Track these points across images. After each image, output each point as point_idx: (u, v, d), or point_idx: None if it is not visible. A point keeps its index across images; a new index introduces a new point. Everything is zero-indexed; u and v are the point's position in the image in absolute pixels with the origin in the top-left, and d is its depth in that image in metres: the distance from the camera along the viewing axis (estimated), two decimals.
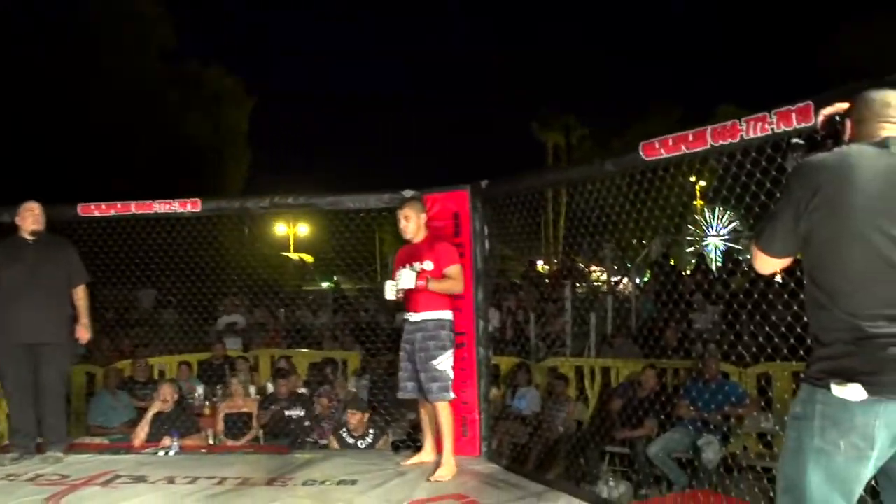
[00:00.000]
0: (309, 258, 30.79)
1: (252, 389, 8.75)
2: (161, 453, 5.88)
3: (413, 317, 5.02)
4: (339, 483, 4.85)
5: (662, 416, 7.39)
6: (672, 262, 12.94)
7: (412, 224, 5.09)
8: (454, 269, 5.01)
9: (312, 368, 9.14)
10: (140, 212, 5.88)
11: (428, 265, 4.98)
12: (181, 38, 26.84)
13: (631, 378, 8.14)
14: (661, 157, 3.95)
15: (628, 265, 13.12)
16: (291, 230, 33.75)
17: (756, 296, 5.97)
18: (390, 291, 5.05)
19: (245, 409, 7.80)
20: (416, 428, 6.03)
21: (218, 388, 8.99)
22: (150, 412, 6.57)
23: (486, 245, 5.54)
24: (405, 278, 4.89)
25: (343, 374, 9.78)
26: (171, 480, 5.04)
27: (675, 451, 7.17)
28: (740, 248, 20.73)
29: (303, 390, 8.57)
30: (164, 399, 6.64)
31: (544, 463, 7.70)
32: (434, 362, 4.91)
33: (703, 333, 9.69)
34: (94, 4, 23.16)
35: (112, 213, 5.94)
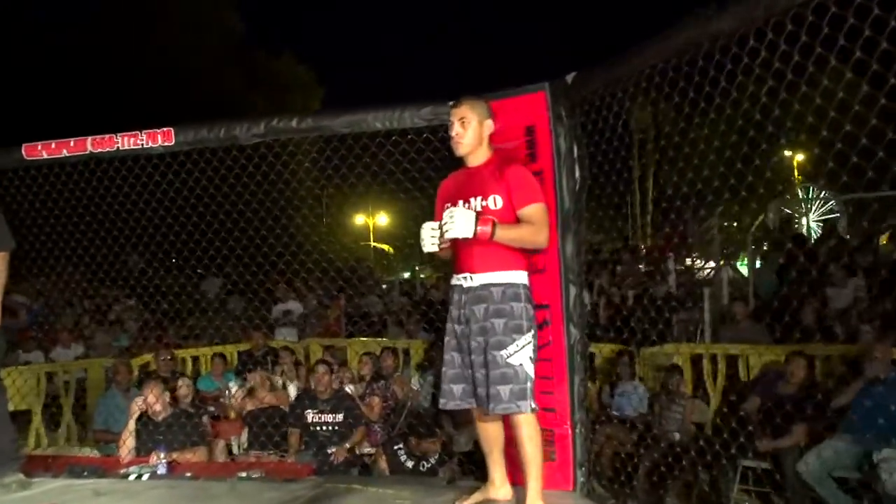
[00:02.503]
0: (389, 248, 29.42)
1: (291, 388, 7.04)
2: (132, 477, 4.17)
3: (469, 280, 3.12)
4: None
5: (818, 421, 5.32)
6: (796, 231, 10.66)
7: (471, 132, 3.17)
8: (535, 210, 3.08)
9: (365, 359, 7.29)
10: (98, 150, 4.19)
11: (495, 202, 3.09)
12: (250, 28, 25.54)
13: (769, 369, 6.06)
14: None
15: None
16: (370, 220, 32.42)
17: None
18: (430, 240, 3.15)
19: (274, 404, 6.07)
20: None
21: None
22: (131, 419, 4.89)
23: (577, 174, 3.59)
24: (459, 220, 2.95)
25: (406, 366, 7.98)
26: None
27: (837, 469, 5.08)
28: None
29: (350, 388, 6.80)
30: (148, 402, 4.92)
31: (656, 479, 5.72)
32: (505, 352, 3.01)
33: (844, 312, 7.54)
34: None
35: (64, 152, 4.27)
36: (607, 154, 3.42)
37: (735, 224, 12.09)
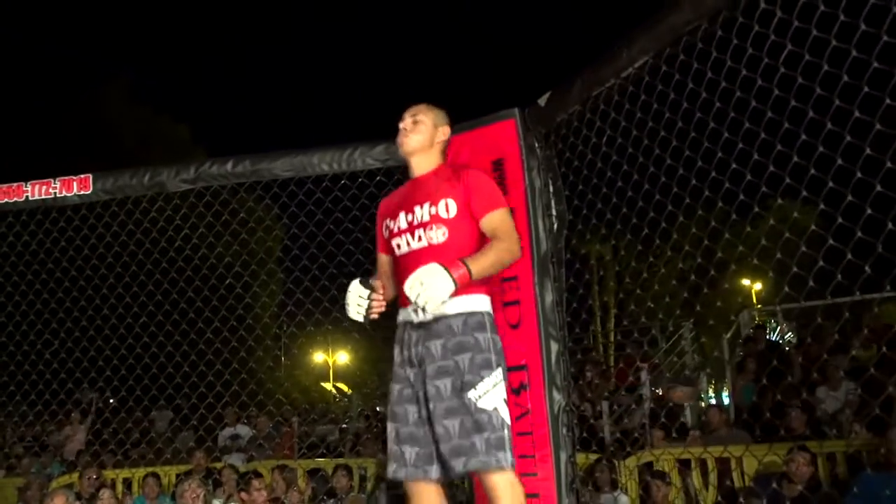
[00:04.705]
0: (346, 388, 28.25)
1: None
2: None
3: (421, 313, 2.48)
4: None
5: None
6: (772, 335, 10.17)
7: (423, 130, 2.61)
8: (501, 217, 2.50)
9: (312, 477, 6.45)
10: (3, 200, 3.57)
11: (447, 207, 2.50)
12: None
13: (765, 471, 5.35)
14: None
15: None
16: (330, 358, 31.27)
17: None
18: (356, 308, 2.50)
19: None
20: None
21: None
22: None
23: (554, 210, 3.06)
24: (430, 280, 2.28)
25: (362, 487, 7.12)
26: None
27: None
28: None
29: None
30: None
31: None
32: (474, 394, 2.36)
33: (835, 414, 6.96)
34: (123, 130, 21.73)
35: None
36: (589, 183, 2.88)
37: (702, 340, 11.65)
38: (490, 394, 2.37)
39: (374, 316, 2.54)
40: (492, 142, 3.13)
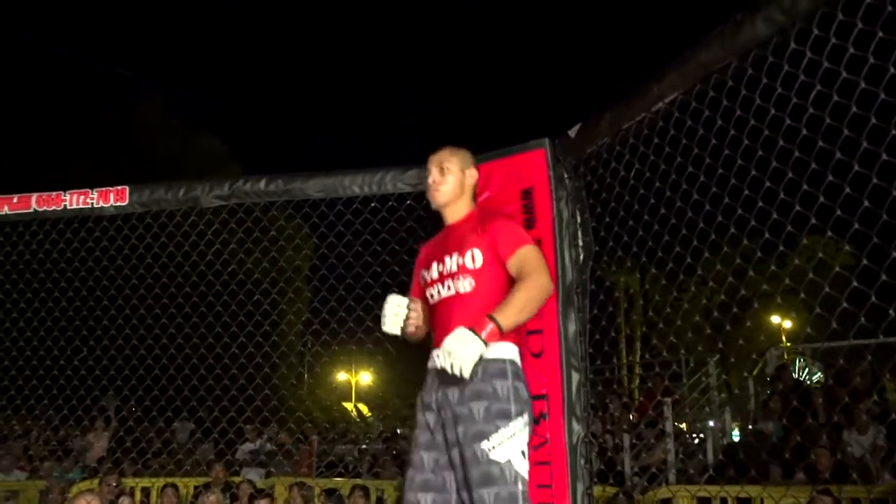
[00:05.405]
0: (366, 410, 28.21)
1: None
2: None
3: (452, 368, 2.44)
4: None
5: None
6: (798, 376, 10.03)
7: (451, 180, 2.66)
8: (527, 253, 2.51)
9: (329, 497, 6.45)
10: (42, 208, 3.66)
11: (473, 258, 2.53)
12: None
13: None
14: None
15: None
16: (353, 377, 31.22)
17: None
18: (393, 318, 2.59)
19: None
20: None
21: None
22: None
23: (580, 241, 3.07)
24: (459, 348, 2.29)
25: None
26: None
27: None
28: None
29: None
30: None
31: None
32: (486, 444, 2.32)
33: (862, 458, 6.83)
34: (159, 143, 22.11)
35: (5, 209, 3.75)
36: (616, 215, 2.90)
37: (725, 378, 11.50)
38: (505, 445, 2.32)
39: (412, 329, 2.58)
40: (522, 170, 3.15)
